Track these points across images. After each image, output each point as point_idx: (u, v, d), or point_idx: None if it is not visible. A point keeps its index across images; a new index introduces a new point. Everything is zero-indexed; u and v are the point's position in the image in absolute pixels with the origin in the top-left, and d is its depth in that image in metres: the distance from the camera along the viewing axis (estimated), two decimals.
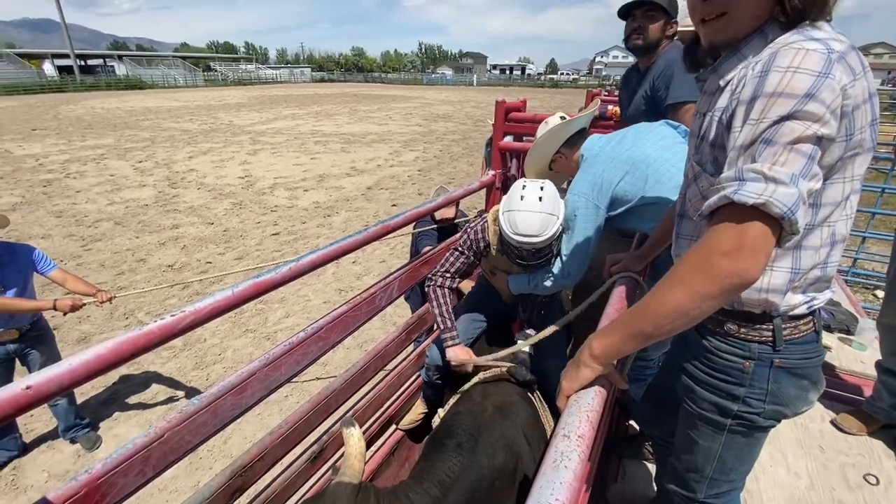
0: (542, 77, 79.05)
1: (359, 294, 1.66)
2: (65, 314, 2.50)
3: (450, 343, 1.75)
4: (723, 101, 0.82)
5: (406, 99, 32.65)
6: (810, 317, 0.91)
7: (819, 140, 0.70)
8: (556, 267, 1.70)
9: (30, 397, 0.78)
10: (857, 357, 2.45)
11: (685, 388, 1.03)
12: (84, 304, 2.52)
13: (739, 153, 0.73)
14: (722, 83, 0.84)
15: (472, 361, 1.74)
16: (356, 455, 1.18)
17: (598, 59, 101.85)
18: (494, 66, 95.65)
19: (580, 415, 0.73)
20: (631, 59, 2.27)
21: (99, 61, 47.76)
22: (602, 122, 2.67)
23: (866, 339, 2.55)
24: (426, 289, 1.83)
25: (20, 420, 3.15)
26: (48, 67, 41.19)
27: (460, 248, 1.79)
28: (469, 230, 1.80)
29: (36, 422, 3.26)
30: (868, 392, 2.01)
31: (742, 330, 0.91)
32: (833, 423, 1.95)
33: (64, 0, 37.74)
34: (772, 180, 0.68)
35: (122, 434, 3.20)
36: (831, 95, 0.69)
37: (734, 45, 0.84)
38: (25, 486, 2.78)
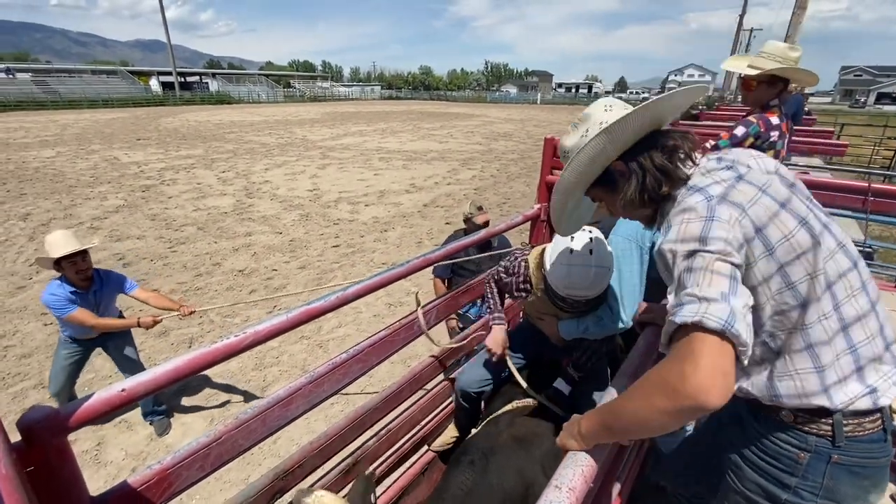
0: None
1: (398, 320, 1.79)
2: (147, 329, 2.92)
3: (495, 323, 1.92)
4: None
5: (469, 117, 33.25)
6: (878, 413, 0.88)
7: (734, 266, 0.79)
8: (606, 311, 1.70)
9: (124, 398, 0.97)
10: None
11: (732, 463, 1.02)
12: (162, 320, 2.95)
13: (675, 287, 0.83)
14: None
15: (500, 349, 1.87)
16: None
17: (671, 77, 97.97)
18: (560, 85, 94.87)
19: (575, 468, 0.79)
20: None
21: (196, 78, 53.11)
22: None
23: None
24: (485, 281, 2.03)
25: None
26: (154, 83, 46.48)
27: (497, 275, 1.92)
28: (511, 265, 1.82)
29: None
30: None
31: (798, 420, 0.90)
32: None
33: (171, 24, 42.61)
34: (703, 300, 0.75)
35: (188, 423, 3.55)
36: (723, 231, 0.80)
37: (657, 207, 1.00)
38: (106, 462, 3.17)
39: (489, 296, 1.97)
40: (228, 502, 1.37)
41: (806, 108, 6.77)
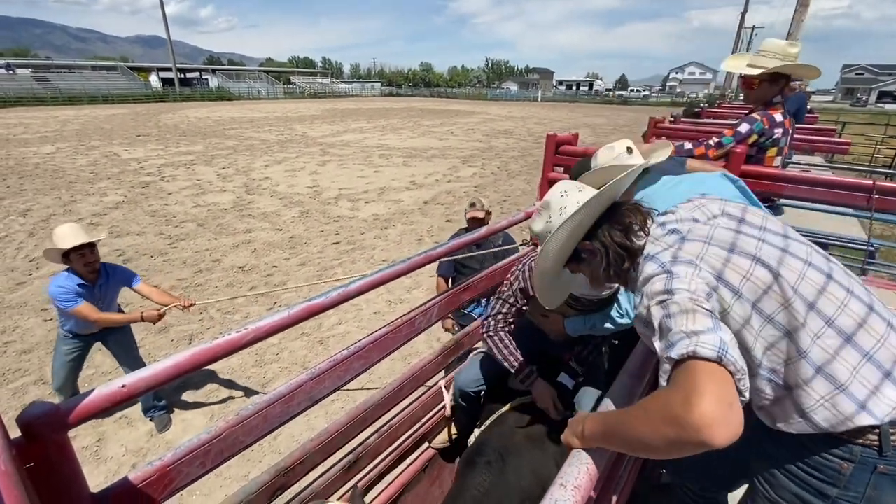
0: (611, 93, 76.91)
1: (400, 317, 1.78)
2: (154, 322, 2.91)
3: (529, 381, 1.76)
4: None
5: (469, 114, 33.17)
6: None
7: (707, 310, 0.81)
8: (613, 308, 1.70)
9: (124, 394, 0.96)
10: None
11: (765, 472, 1.00)
12: (165, 314, 2.93)
13: (659, 335, 0.85)
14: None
15: (554, 409, 1.71)
16: None
17: (672, 75, 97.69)
18: (561, 82, 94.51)
19: (580, 465, 0.79)
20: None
21: (196, 74, 52.90)
22: None
23: None
24: (483, 337, 1.88)
25: None
26: (154, 79, 46.30)
27: (504, 297, 1.81)
28: (516, 276, 1.80)
29: None
30: None
31: (843, 432, 0.87)
32: None
33: (171, 20, 42.47)
34: (693, 333, 0.76)
35: (189, 419, 3.55)
36: (685, 284, 0.84)
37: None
38: (106, 458, 3.17)
39: (502, 352, 1.81)
40: (229, 499, 1.37)
41: (808, 106, 6.74)
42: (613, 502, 1.22)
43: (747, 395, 0.75)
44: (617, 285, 1.58)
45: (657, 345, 0.84)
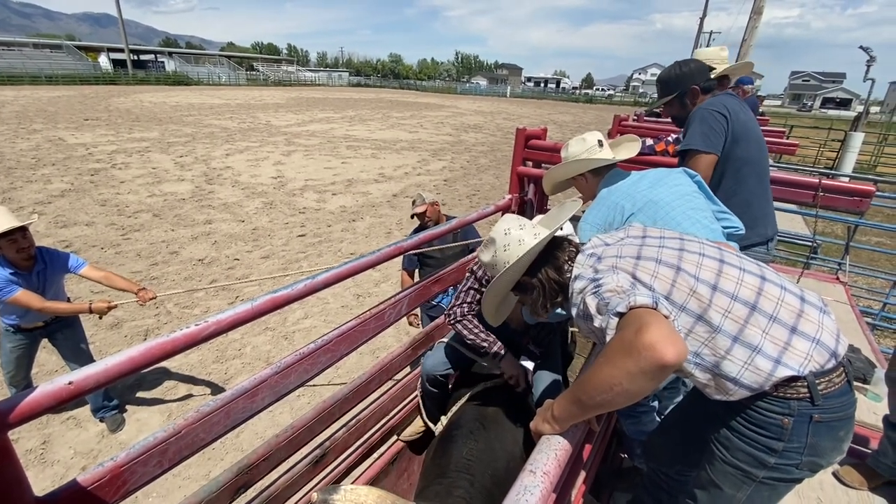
0: (577, 91, 78.33)
1: (369, 310, 1.76)
2: (101, 317, 2.71)
3: (502, 354, 1.85)
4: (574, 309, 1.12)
5: (438, 107, 33.03)
6: (841, 368, 0.97)
7: (632, 282, 0.96)
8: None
9: (71, 391, 0.90)
10: (870, 408, 2.38)
11: (721, 436, 1.08)
12: (117, 306, 2.73)
13: (596, 309, 0.96)
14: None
15: (521, 377, 1.86)
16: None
17: (635, 75, 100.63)
18: (529, 79, 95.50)
19: (549, 452, 0.80)
20: None
21: (150, 57, 49.98)
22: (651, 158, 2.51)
23: (882, 390, 2.48)
24: (449, 324, 1.90)
25: None
26: (104, 60, 43.36)
27: (468, 287, 1.86)
28: (479, 265, 1.84)
29: None
30: (875, 445, 1.98)
31: (779, 389, 0.97)
32: (835, 474, 1.92)
33: None
34: (627, 293, 0.90)
35: (144, 419, 3.39)
36: (609, 280, 0.98)
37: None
38: (52, 461, 2.99)
39: (472, 334, 1.84)
40: (188, 499, 1.32)
41: (760, 110, 7.10)
42: (579, 487, 1.25)
43: (683, 335, 0.84)
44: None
45: (598, 321, 0.94)
